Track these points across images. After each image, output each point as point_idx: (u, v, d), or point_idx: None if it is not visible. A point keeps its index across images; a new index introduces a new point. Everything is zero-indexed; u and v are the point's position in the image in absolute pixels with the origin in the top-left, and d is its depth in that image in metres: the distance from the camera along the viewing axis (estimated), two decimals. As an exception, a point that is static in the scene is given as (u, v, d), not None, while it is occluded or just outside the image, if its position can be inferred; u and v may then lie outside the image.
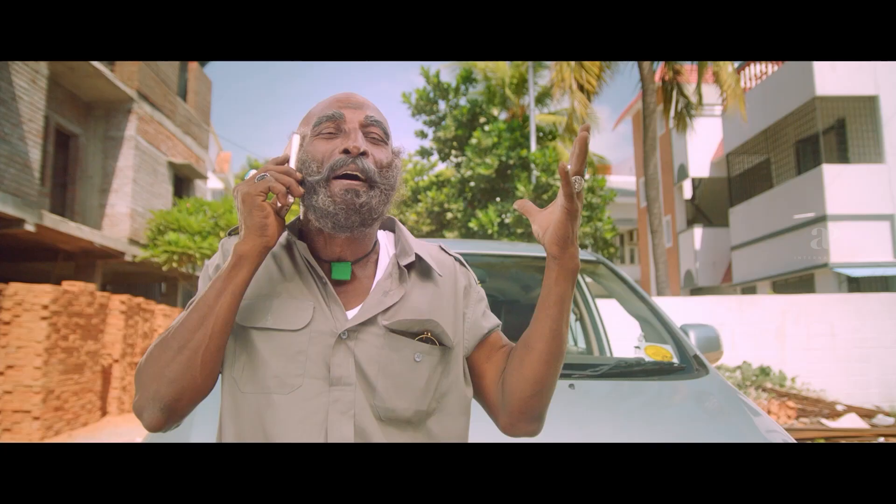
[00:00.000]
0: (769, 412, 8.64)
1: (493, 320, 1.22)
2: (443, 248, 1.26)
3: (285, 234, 1.16)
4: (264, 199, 1.01)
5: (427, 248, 1.22)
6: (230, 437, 1.05)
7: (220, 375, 1.07)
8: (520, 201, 1.05)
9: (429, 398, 1.09)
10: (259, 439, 1.02)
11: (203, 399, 1.04)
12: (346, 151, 1.07)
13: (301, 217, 1.16)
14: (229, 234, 1.18)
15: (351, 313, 1.08)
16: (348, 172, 1.06)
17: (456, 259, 1.25)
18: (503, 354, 1.18)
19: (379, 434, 1.03)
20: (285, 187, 1.02)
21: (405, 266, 1.14)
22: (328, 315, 1.06)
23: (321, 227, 1.09)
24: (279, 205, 1.03)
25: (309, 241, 1.14)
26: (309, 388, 1.03)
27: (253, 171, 1.05)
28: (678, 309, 9.90)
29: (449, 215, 14.24)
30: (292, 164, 1.09)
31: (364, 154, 1.08)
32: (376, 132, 1.12)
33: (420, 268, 1.17)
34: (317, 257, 1.13)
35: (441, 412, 1.11)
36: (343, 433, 1.01)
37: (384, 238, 1.22)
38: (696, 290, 21.19)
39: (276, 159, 1.08)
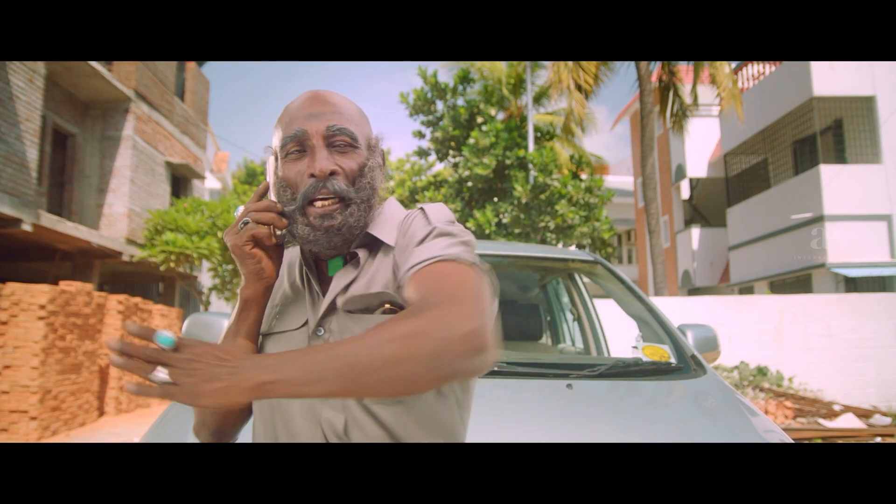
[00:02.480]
0: (766, 412, 8.65)
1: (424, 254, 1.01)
2: (421, 207, 1.12)
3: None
4: (252, 246, 1.02)
5: (392, 216, 1.13)
6: (257, 436, 1.10)
7: None
8: None
9: None
10: (270, 436, 1.07)
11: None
12: (312, 175, 1.03)
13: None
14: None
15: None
16: (321, 197, 1.03)
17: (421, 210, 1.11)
18: None
19: (366, 422, 1.01)
20: (268, 226, 1.03)
21: (364, 246, 1.09)
22: (317, 311, 1.08)
23: (307, 249, 1.10)
24: (266, 243, 1.04)
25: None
26: None
27: (241, 208, 1.07)
28: (676, 309, 9.91)
29: (447, 215, 14.22)
30: (273, 191, 1.09)
31: (333, 173, 1.04)
32: (341, 139, 1.06)
33: (376, 242, 1.10)
34: (315, 255, 1.13)
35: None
36: (335, 427, 1.02)
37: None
38: (694, 291, 21.21)
39: (259, 190, 1.09)
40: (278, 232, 1.04)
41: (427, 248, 0.97)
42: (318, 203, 1.03)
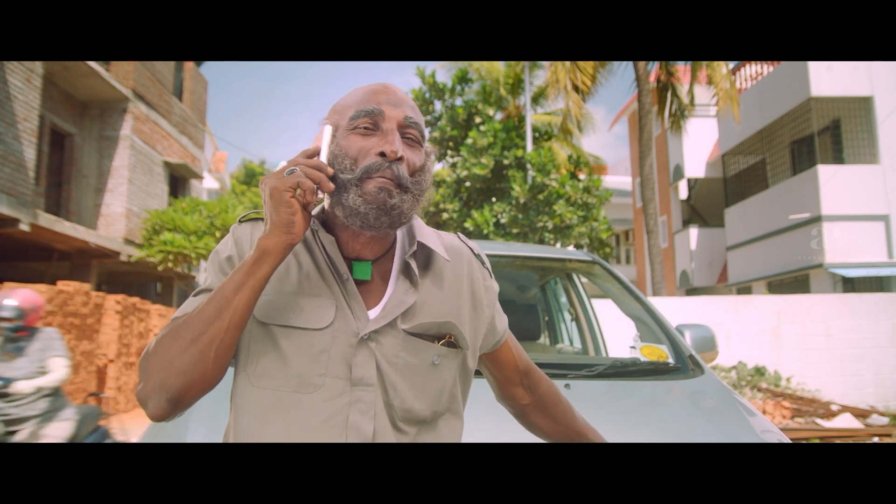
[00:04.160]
0: (764, 412, 8.66)
1: (503, 323, 1.26)
2: (459, 237, 1.25)
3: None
4: (293, 194, 0.97)
5: (438, 235, 1.21)
6: (247, 433, 1.03)
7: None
8: None
9: (445, 398, 1.11)
10: (278, 436, 1.01)
11: (210, 391, 1.01)
12: (382, 154, 1.04)
13: (326, 209, 1.13)
14: (240, 222, 1.15)
15: (371, 313, 1.07)
16: (382, 177, 1.03)
17: (472, 250, 1.24)
18: (515, 367, 1.30)
19: (392, 434, 1.04)
20: (315, 183, 0.99)
21: (414, 257, 1.12)
22: (349, 315, 1.05)
23: (348, 225, 1.06)
24: (306, 200, 0.99)
25: (333, 235, 1.11)
26: (331, 387, 1.02)
27: (283, 163, 1.02)
28: (674, 309, 9.91)
29: (445, 215, 14.25)
30: (323, 156, 1.05)
31: (400, 159, 1.05)
32: (413, 134, 1.09)
33: (432, 259, 1.15)
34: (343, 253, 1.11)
35: (450, 411, 1.14)
36: (363, 433, 1.01)
37: (399, 232, 1.20)
38: (692, 291, 21.22)
39: (307, 151, 1.05)
40: (320, 194, 1.01)
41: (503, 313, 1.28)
42: (379, 178, 1.03)
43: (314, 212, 1.16)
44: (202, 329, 0.97)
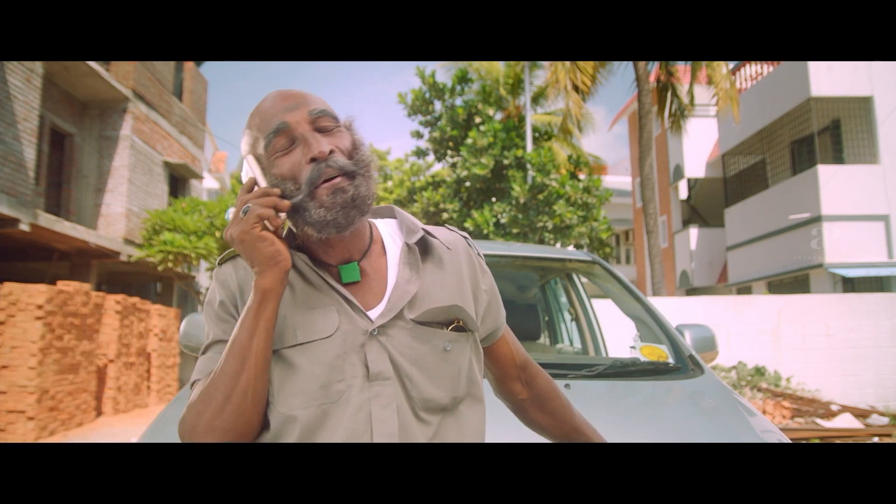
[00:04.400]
0: (764, 412, 8.66)
1: (501, 316, 1.28)
2: (449, 228, 1.26)
3: None
4: (261, 228, 0.99)
5: (432, 228, 1.22)
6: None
7: None
8: None
9: (462, 383, 1.12)
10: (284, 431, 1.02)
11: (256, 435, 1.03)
12: (314, 160, 1.03)
13: (293, 228, 1.12)
14: (219, 265, 1.15)
15: (375, 311, 1.08)
16: (327, 178, 1.03)
17: (464, 237, 1.24)
18: (513, 362, 1.30)
19: (416, 425, 1.05)
20: (272, 208, 1.00)
21: (415, 245, 1.13)
22: (353, 315, 1.06)
23: (325, 236, 1.06)
24: (275, 226, 1.00)
25: (307, 250, 1.12)
26: (352, 388, 1.03)
27: (231, 210, 1.03)
28: (674, 309, 9.92)
29: (445, 215, 14.26)
30: (262, 184, 1.06)
31: (332, 152, 1.04)
32: (325, 122, 1.08)
33: (430, 247, 1.16)
34: (320, 263, 1.11)
35: (471, 396, 1.14)
36: (388, 427, 1.02)
37: (385, 227, 1.20)
38: (692, 291, 21.23)
39: (245, 187, 1.06)
40: (282, 216, 1.01)
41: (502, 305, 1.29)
42: (326, 184, 1.03)
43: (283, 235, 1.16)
44: (231, 384, 0.99)
